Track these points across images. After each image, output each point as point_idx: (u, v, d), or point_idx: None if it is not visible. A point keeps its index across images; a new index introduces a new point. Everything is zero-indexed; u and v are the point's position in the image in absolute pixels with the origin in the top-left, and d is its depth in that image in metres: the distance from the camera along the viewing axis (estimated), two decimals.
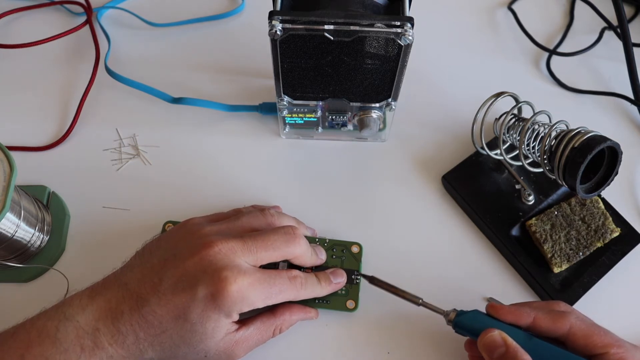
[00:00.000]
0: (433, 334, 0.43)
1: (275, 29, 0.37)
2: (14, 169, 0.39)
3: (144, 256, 0.37)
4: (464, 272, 0.45)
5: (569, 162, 0.39)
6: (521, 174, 0.48)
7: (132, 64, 0.56)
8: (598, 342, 0.35)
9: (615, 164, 0.40)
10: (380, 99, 0.45)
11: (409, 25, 0.37)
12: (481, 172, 0.48)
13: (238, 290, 0.34)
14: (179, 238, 0.38)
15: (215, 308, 0.34)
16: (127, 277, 0.36)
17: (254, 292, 0.35)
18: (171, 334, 0.34)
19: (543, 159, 0.42)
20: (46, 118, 0.53)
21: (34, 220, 0.44)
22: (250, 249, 0.36)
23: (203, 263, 0.34)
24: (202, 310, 0.34)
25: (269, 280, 0.36)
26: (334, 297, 0.42)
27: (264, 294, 0.36)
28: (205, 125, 0.52)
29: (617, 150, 0.40)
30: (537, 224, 0.45)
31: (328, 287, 0.41)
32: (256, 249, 0.36)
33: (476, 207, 0.47)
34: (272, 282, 0.36)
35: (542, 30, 0.60)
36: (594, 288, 0.44)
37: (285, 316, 0.40)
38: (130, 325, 0.34)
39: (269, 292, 0.36)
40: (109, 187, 0.49)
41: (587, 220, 0.45)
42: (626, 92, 0.54)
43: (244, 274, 0.34)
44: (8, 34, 0.59)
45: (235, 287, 0.34)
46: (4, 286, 0.44)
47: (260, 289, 0.35)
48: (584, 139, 0.39)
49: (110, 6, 0.60)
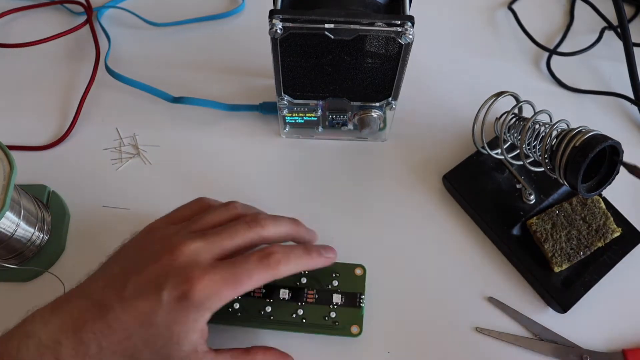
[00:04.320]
0: (433, 334, 0.43)
1: (275, 28, 0.37)
2: (13, 168, 0.39)
3: (108, 266, 0.36)
4: (465, 271, 0.45)
5: (570, 161, 0.39)
6: (522, 174, 0.48)
7: (132, 64, 0.56)
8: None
9: (617, 163, 0.40)
10: (380, 98, 0.45)
11: (410, 24, 0.37)
12: (482, 172, 0.48)
13: (203, 289, 0.33)
14: (141, 245, 0.37)
15: (182, 310, 0.33)
16: (90, 288, 0.35)
17: (220, 286, 0.33)
18: (135, 340, 0.33)
19: (544, 158, 0.42)
20: (46, 118, 0.53)
21: (34, 220, 0.43)
22: (214, 243, 0.35)
23: (166, 267, 0.34)
24: (168, 313, 0.33)
25: (234, 269, 0.34)
26: (340, 317, 0.41)
27: (231, 284, 0.34)
28: (206, 124, 0.52)
29: (618, 149, 0.39)
30: (538, 223, 0.45)
31: (318, 259, 0.38)
32: (220, 241, 0.35)
33: (477, 206, 0.46)
34: (239, 270, 0.34)
35: (542, 30, 0.60)
36: (595, 287, 0.43)
37: (257, 357, 0.38)
38: (93, 334, 0.32)
39: (238, 281, 0.34)
40: (109, 187, 0.49)
41: (588, 219, 0.45)
42: (626, 92, 0.54)
43: (208, 270, 0.33)
44: (8, 34, 0.59)
45: (200, 286, 0.33)
46: (3, 285, 0.44)
47: (227, 281, 0.34)
48: (585, 138, 0.39)
49: (110, 6, 0.60)
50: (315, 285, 0.42)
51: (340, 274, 0.43)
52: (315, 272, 0.41)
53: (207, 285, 0.33)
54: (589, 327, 0.43)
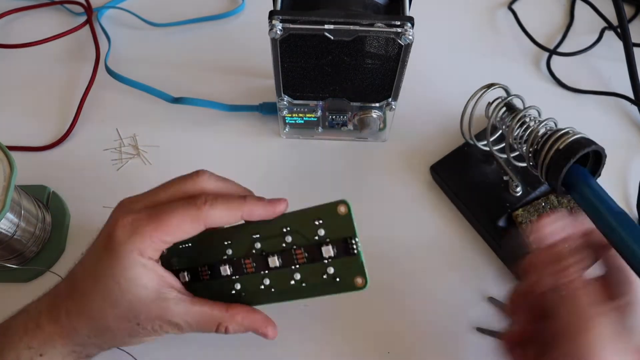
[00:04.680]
0: (433, 334, 0.43)
1: (275, 29, 0.37)
2: (14, 169, 0.39)
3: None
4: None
5: (553, 164, 0.39)
6: (509, 165, 0.48)
7: (132, 64, 0.56)
8: None
9: (599, 167, 0.40)
10: (380, 99, 0.45)
11: (409, 25, 0.37)
12: (470, 163, 0.49)
13: (124, 227, 0.32)
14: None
15: (110, 252, 0.32)
16: (73, 269, 0.36)
17: (141, 223, 0.32)
18: (93, 297, 0.33)
19: (528, 154, 0.42)
20: (46, 118, 0.53)
21: (34, 220, 0.43)
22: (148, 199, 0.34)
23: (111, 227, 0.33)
24: (101, 259, 0.33)
25: (157, 209, 0.33)
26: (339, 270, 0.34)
27: (153, 221, 0.32)
28: (205, 125, 0.52)
29: (601, 154, 0.40)
30: (524, 214, 0.45)
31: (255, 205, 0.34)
32: (155, 194, 0.34)
33: (464, 197, 0.47)
34: (162, 208, 0.33)
35: (542, 30, 0.60)
36: None
37: (236, 316, 0.35)
38: (63, 300, 0.34)
39: (160, 218, 0.32)
40: (109, 187, 0.49)
41: (574, 212, 0.45)
42: (626, 92, 0.54)
43: (134, 213, 0.33)
44: (8, 34, 0.59)
45: (121, 224, 0.32)
46: (4, 286, 0.44)
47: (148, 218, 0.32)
48: (569, 141, 0.39)
49: (110, 6, 0.60)
50: (301, 241, 0.36)
51: (323, 220, 0.35)
52: (294, 224, 0.36)
53: (128, 224, 0.32)
54: None
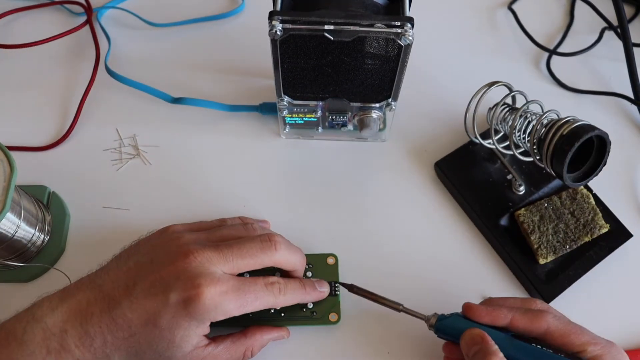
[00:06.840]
0: (433, 334, 0.43)
1: (275, 29, 0.37)
2: (14, 169, 0.39)
3: (121, 259, 0.37)
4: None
5: (557, 150, 0.39)
6: (513, 164, 0.48)
7: (132, 64, 0.56)
8: (575, 341, 0.35)
9: (604, 155, 0.40)
10: (380, 99, 0.45)
11: (409, 25, 0.37)
12: (474, 161, 0.49)
13: (211, 298, 0.33)
14: (158, 244, 0.37)
15: (186, 315, 0.33)
16: (101, 279, 0.35)
17: (227, 299, 0.34)
18: (139, 338, 0.34)
19: (532, 146, 0.42)
20: (46, 118, 0.53)
21: (34, 220, 0.44)
22: (227, 257, 0.36)
23: (178, 270, 0.34)
24: (173, 316, 0.33)
25: (243, 288, 0.35)
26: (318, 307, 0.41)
27: (238, 301, 0.35)
28: (205, 125, 0.52)
29: (605, 140, 0.40)
30: (525, 214, 0.45)
31: (313, 293, 0.40)
32: (232, 257, 0.36)
33: (467, 194, 0.47)
34: (247, 289, 0.35)
35: (542, 30, 0.60)
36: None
37: (256, 336, 0.39)
38: (99, 328, 0.33)
39: (244, 300, 0.35)
40: (109, 187, 0.49)
41: (576, 214, 0.45)
42: (626, 92, 0.54)
43: (218, 281, 0.34)
44: (8, 34, 0.59)
45: (209, 295, 0.33)
46: (4, 286, 0.44)
47: (235, 296, 0.35)
48: (572, 127, 0.39)
49: (110, 6, 0.60)
50: None
51: (314, 265, 0.43)
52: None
53: (215, 296, 0.34)
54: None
